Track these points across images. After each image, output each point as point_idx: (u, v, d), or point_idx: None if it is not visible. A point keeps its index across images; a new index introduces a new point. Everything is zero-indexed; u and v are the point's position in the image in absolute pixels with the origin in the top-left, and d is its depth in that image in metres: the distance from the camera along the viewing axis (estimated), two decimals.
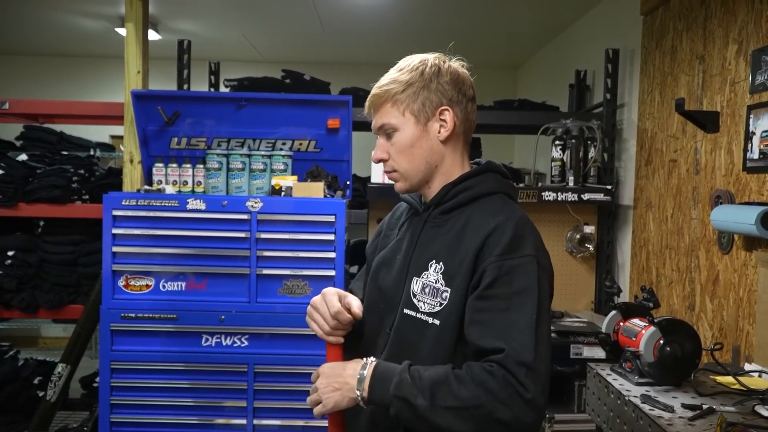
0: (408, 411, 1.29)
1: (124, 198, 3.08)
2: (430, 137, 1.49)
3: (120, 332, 3.08)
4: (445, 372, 1.30)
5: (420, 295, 1.44)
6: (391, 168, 1.52)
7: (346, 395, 1.37)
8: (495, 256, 1.34)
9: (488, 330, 1.31)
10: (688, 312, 3.07)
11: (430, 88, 1.48)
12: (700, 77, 3.05)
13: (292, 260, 3.09)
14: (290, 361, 3.09)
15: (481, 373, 1.26)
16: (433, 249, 1.46)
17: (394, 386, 1.31)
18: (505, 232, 1.36)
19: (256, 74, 4.21)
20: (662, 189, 3.40)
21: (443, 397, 1.27)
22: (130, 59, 3.60)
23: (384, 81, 1.51)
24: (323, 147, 3.60)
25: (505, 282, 1.33)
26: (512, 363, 1.25)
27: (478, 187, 1.49)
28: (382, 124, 1.51)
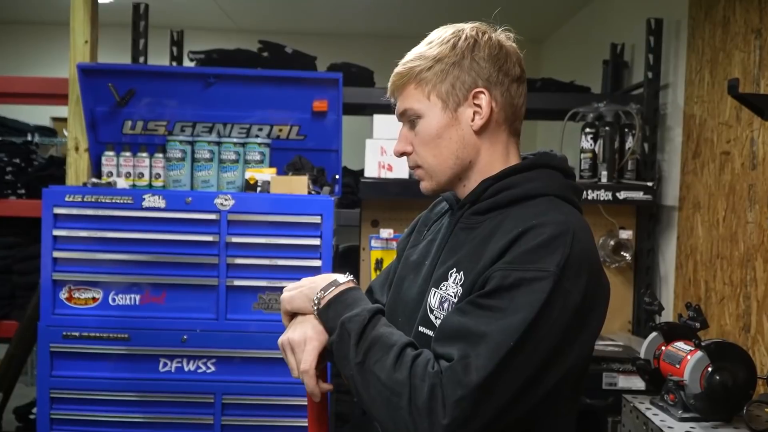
0: (344, 347, 1.34)
1: (67, 193, 3.09)
2: (461, 126, 1.45)
3: (62, 354, 3.09)
4: (396, 341, 1.32)
5: (438, 310, 1.42)
6: (414, 163, 1.51)
7: (306, 294, 1.45)
8: (505, 263, 1.31)
9: (457, 334, 1.29)
10: (743, 334, 3.09)
11: (462, 66, 1.44)
12: (756, 54, 3.08)
13: (270, 269, 3.10)
14: (265, 390, 3.10)
15: (421, 368, 1.26)
16: (457, 256, 1.43)
17: (347, 316, 1.35)
18: (534, 238, 1.31)
19: (227, 46, 4.22)
20: (713, 187, 3.42)
21: (375, 361, 1.30)
22: (76, 26, 3.60)
23: (409, 57, 1.48)
24: (308, 134, 3.62)
25: (505, 296, 1.28)
26: (451, 380, 1.23)
27: (524, 185, 1.43)
28: (404, 110, 1.48)
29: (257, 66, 3.99)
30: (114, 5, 5.88)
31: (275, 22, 6.79)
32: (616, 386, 3.31)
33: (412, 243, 1.66)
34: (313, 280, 1.47)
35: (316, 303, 1.41)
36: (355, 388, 1.33)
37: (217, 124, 3.60)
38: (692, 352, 2.19)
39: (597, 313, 1.37)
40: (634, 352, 3.38)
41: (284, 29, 6.90)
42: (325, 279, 1.46)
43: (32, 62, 7.03)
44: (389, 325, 1.37)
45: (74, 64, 3.54)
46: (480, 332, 1.26)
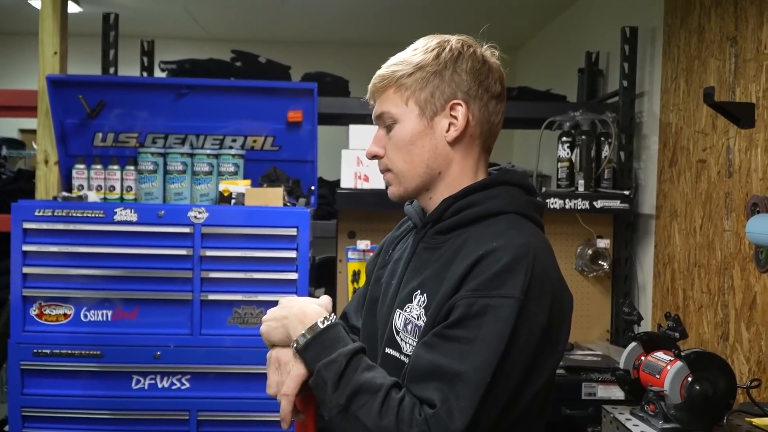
0: (321, 393, 1.33)
1: (37, 207, 3.07)
2: (435, 135, 1.47)
3: (32, 372, 3.06)
4: (381, 384, 1.31)
5: (402, 332, 1.44)
6: (385, 167, 1.52)
7: (285, 333, 1.42)
8: (469, 291, 1.32)
9: (431, 374, 1.30)
10: (721, 342, 3.12)
11: (443, 76, 1.45)
12: (732, 62, 3.11)
13: (245, 283, 3.09)
14: (242, 406, 3.08)
15: (407, 414, 1.27)
16: (421, 277, 1.45)
17: (324, 363, 1.33)
18: (494, 263, 1.33)
19: (199, 55, 4.21)
20: (689, 195, 3.45)
21: (362, 406, 1.29)
22: (45, 37, 3.58)
23: (392, 61, 1.50)
24: (282, 145, 3.61)
25: (472, 325, 1.30)
26: (438, 426, 1.25)
27: (485, 203, 1.45)
28: (381, 113, 1.50)
29: (230, 76, 3.98)
30: (84, 15, 5.85)
31: (248, 30, 6.77)
32: (596, 396, 3.32)
33: (380, 264, 1.67)
34: (286, 314, 1.43)
35: (295, 345, 1.39)
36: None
37: (190, 136, 3.59)
38: (672, 362, 2.20)
39: (564, 330, 1.41)
40: (613, 361, 3.40)
41: (257, 38, 6.89)
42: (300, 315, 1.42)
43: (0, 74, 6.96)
44: (371, 365, 1.35)
45: (43, 75, 3.52)
46: (454, 372, 1.27)
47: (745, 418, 2.28)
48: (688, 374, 2.15)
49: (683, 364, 2.16)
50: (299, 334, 1.38)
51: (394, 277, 1.55)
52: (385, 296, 1.56)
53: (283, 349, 1.42)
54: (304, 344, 1.37)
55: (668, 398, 2.17)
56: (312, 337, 1.37)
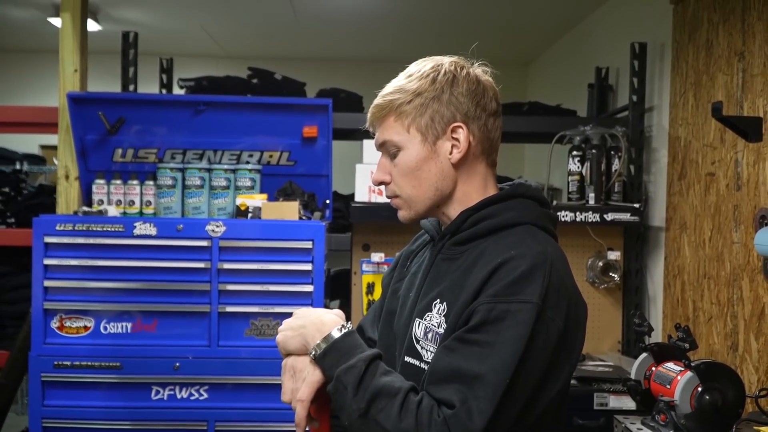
0: (341, 399, 1.35)
1: (58, 222, 3.09)
2: (439, 159, 1.49)
3: (53, 383, 3.08)
4: (399, 387, 1.33)
5: (423, 340, 1.46)
6: (393, 193, 1.54)
7: (301, 342, 1.45)
8: (488, 296, 1.35)
9: (451, 376, 1.32)
10: (731, 353, 3.12)
11: (441, 100, 1.48)
12: (739, 77, 3.12)
13: (262, 295, 3.11)
14: (259, 416, 3.09)
15: (426, 416, 1.29)
16: (440, 287, 1.47)
17: (344, 368, 1.35)
18: (513, 270, 1.36)
19: (216, 73, 4.25)
20: (698, 208, 3.45)
21: (381, 410, 1.31)
22: (65, 55, 3.62)
23: (388, 89, 1.52)
24: (298, 159, 3.63)
25: (492, 329, 1.32)
26: (458, 426, 1.27)
27: (502, 215, 1.48)
28: (384, 141, 1.52)
29: (247, 92, 4.02)
30: (103, 33, 5.91)
31: (264, 48, 6.81)
32: (607, 406, 3.31)
33: (396, 278, 1.69)
34: (303, 323, 1.46)
35: (313, 353, 1.41)
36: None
37: (208, 151, 3.61)
38: (682, 373, 2.21)
39: (579, 337, 1.44)
40: (625, 372, 3.40)
41: (273, 55, 6.92)
42: (318, 324, 1.45)
43: (22, 91, 7.02)
44: (388, 370, 1.38)
45: (64, 92, 3.55)
46: (474, 373, 1.30)
47: (753, 426, 2.28)
48: (698, 384, 2.16)
49: (693, 375, 2.17)
50: (317, 342, 1.41)
51: (412, 290, 1.57)
52: (403, 308, 1.58)
53: (298, 357, 1.45)
54: (323, 351, 1.39)
55: (678, 408, 2.18)
56: (330, 344, 1.39)
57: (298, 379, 1.42)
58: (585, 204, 3.83)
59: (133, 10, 5.67)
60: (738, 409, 2.17)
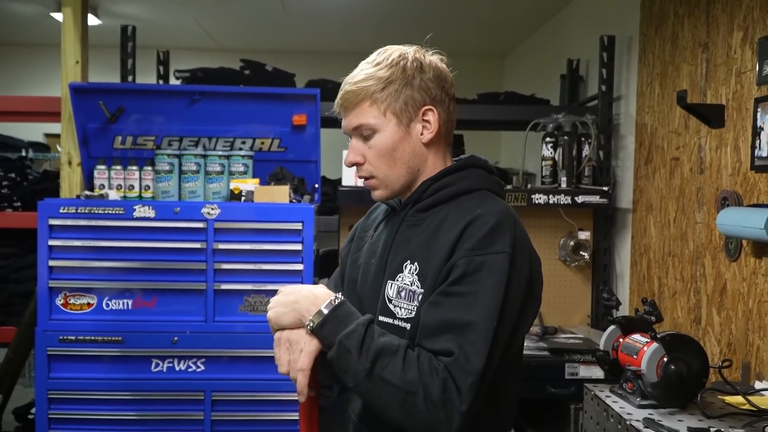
0: (345, 362, 1.34)
1: (61, 205, 3.06)
2: (412, 139, 1.52)
3: (58, 357, 3.05)
4: (398, 345, 1.35)
5: (396, 299, 1.48)
6: (368, 173, 1.54)
7: (296, 317, 1.42)
8: (465, 251, 1.39)
9: (443, 328, 1.35)
10: (694, 326, 3.12)
11: (413, 86, 1.50)
12: (703, 67, 3.11)
13: (254, 273, 3.09)
14: (253, 387, 3.08)
15: (427, 366, 1.32)
16: (409, 249, 1.50)
17: (345, 333, 1.35)
18: (483, 225, 1.40)
19: (211, 64, 4.20)
20: (664, 190, 3.45)
21: (385, 367, 1.32)
22: (67, 48, 3.58)
23: (360, 77, 1.51)
24: (288, 146, 3.61)
25: (472, 280, 1.37)
26: (459, 371, 1.31)
27: (458, 183, 1.53)
28: (358, 125, 1.51)
29: (239, 83, 3.98)
30: (103, 27, 5.84)
31: (256, 41, 6.77)
32: (578, 376, 3.32)
33: (355, 248, 1.70)
34: (295, 299, 1.44)
35: (310, 324, 1.39)
36: (365, 397, 1.37)
37: (203, 138, 3.58)
38: (649, 344, 2.20)
39: (539, 284, 1.50)
40: (594, 344, 3.40)
41: (265, 48, 6.88)
42: (311, 297, 1.43)
43: (26, 82, 6.94)
44: (383, 332, 1.39)
45: (66, 83, 3.52)
46: (464, 321, 1.34)
47: (717, 395, 2.28)
48: (663, 355, 2.15)
49: (659, 346, 2.16)
50: (314, 314, 1.39)
51: (374, 257, 1.58)
52: (366, 275, 1.59)
53: (293, 331, 1.42)
54: (321, 322, 1.38)
55: (645, 377, 2.17)
56: (327, 314, 1.38)
57: (295, 351, 1.41)
58: (557, 187, 3.82)
59: (132, 5, 5.60)
60: (702, 379, 2.16)
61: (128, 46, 4.05)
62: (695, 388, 2.16)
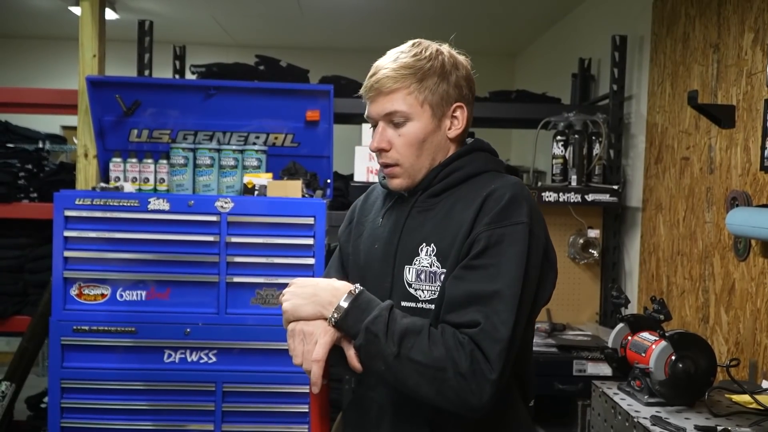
0: (374, 347, 1.35)
1: (77, 197, 3.07)
2: (441, 133, 1.52)
3: (72, 347, 3.06)
4: (421, 324, 1.36)
5: (416, 283, 1.47)
6: (394, 161, 1.52)
7: (316, 309, 1.41)
8: (485, 225, 1.40)
9: (468, 301, 1.36)
10: (702, 325, 3.10)
11: (449, 82, 1.50)
12: (714, 68, 3.09)
13: (266, 267, 3.09)
14: (263, 379, 3.09)
15: (452, 340, 1.33)
16: (423, 233, 1.49)
17: (370, 319, 1.35)
18: (500, 199, 1.42)
19: (226, 60, 4.20)
20: (673, 189, 3.43)
21: (412, 347, 1.33)
22: (84, 41, 3.58)
23: (397, 63, 1.49)
24: (301, 141, 3.61)
25: (494, 252, 1.38)
26: (486, 339, 1.32)
27: (468, 167, 1.53)
28: (392, 111, 1.49)
29: (254, 78, 3.97)
30: (120, 22, 5.85)
31: (271, 37, 6.76)
32: (586, 373, 3.31)
33: (356, 234, 1.67)
34: (314, 291, 1.43)
35: (334, 316, 1.38)
36: (395, 379, 1.36)
37: (217, 133, 3.59)
38: (657, 342, 2.19)
39: (554, 251, 1.52)
40: (602, 341, 3.39)
41: (279, 44, 6.87)
42: (331, 290, 1.42)
43: (44, 75, 6.96)
44: (405, 315, 1.39)
45: (83, 76, 3.53)
46: (489, 292, 1.35)
47: (725, 394, 2.27)
48: (671, 353, 2.14)
49: (667, 344, 2.15)
50: (336, 306, 1.39)
51: (378, 242, 1.57)
52: (370, 260, 1.58)
53: (309, 322, 1.41)
54: (345, 312, 1.38)
55: (653, 375, 2.16)
56: (350, 304, 1.38)
57: (310, 342, 1.40)
58: (567, 185, 3.81)
59: (149, 0, 5.61)
60: (710, 377, 2.15)
61: (145, 40, 4.05)
62: (703, 387, 2.15)
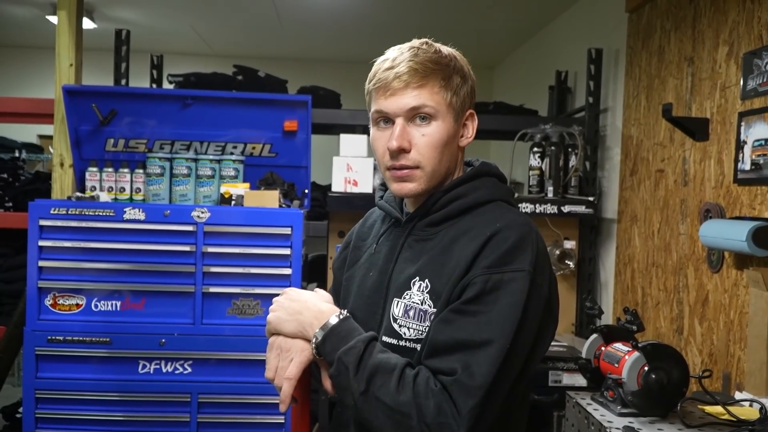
0: (344, 380, 1.28)
1: (52, 206, 3.03)
2: (457, 140, 1.42)
3: (46, 357, 3.02)
4: (395, 363, 1.27)
5: (402, 318, 1.37)
6: (415, 162, 1.37)
7: (297, 328, 1.37)
8: (482, 269, 1.28)
9: (451, 347, 1.26)
10: (676, 336, 3.13)
11: (469, 85, 1.42)
12: (688, 81, 3.12)
13: (243, 277, 3.07)
14: (239, 389, 3.06)
15: (423, 386, 1.23)
16: (417, 265, 1.38)
17: (344, 350, 1.28)
18: (504, 241, 1.30)
19: (204, 69, 4.19)
20: (648, 201, 3.46)
21: (380, 386, 1.25)
22: (61, 50, 3.56)
23: (421, 57, 1.36)
24: (279, 151, 3.60)
25: (488, 300, 1.26)
26: (460, 392, 1.21)
27: (472, 194, 1.41)
28: (421, 105, 1.35)
29: (232, 88, 3.97)
30: (98, 31, 5.82)
31: (249, 47, 6.76)
32: (561, 383, 3.32)
33: (351, 261, 1.59)
34: (299, 309, 1.38)
35: (314, 340, 1.33)
36: (361, 416, 1.29)
37: (195, 142, 3.57)
38: (630, 353, 2.20)
39: (557, 302, 1.40)
40: (577, 352, 3.40)
41: (257, 54, 6.87)
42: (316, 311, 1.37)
43: (20, 83, 6.92)
44: (384, 350, 1.31)
45: (60, 85, 3.50)
46: (475, 342, 1.24)
47: (697, 405, 2.28)
48: (644, 364, 2.15)
49: (640, 355, 2.16)
50: (316, 331, 1.34)
51: (373, 269, 1.48)
52: (362, 288, 1.49)
53: (287, 339, 1.37)
54: (323, 338, 1.32)
55: (626, 386, 2.17)
56: (329, 330, 1.33)
57: (285, 359, 1.35)
58: (544, 197, 3.83)
59: (127, 9, 5.59)
60: (682, 388, 2.17)
61: (122, 49, 4.04)
62: (675, 398, 2.17)
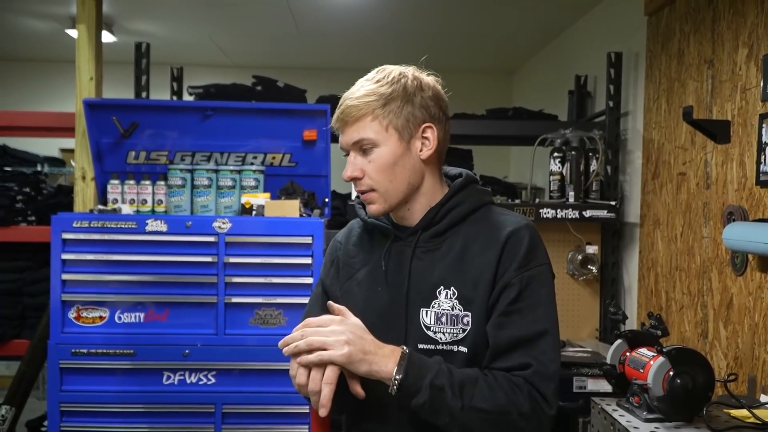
0: (440, 401, 1.37)
1: (75, 219, 3.08)
2: (412, 155, 1.53)
3: (70, 370, 3.06)
4: (475, 374, 1.42)
5: (435, 326, 1.49)
6: (368, 187, 1.54)
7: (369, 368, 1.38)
8: (514, 271, 1.47)
9: (513, 345, 1.43)
10: (701, 340, 3.11)
11: (414, 103, 1.52)
12: (709, 83, 3.12)
13: (265, 287, 3.09)
14: (263, 399, 3.08)
15: (507, 384, 1.40)
16: (437, 275, 1.51)
17: (433, 374, 1.38)
18: (520, 242, 1.49)
19: (223, 81, 4.22)
20: (671, 205, 3.45)
21: (473, 396, 1.38)
22: (81, 64, 3.61)
23: (361, 92, 1.52)
24: (299, 161, 3.62)
25: (527, 295, 1.45)
26: (540, 379, 1.41)
27: (467, 202, 1.57)
28: (359, 139, 1.52)
29: (251, 99, 4.00)
30: (118, 44, 5.89)
31: (268, 57, 6.80)
32: (586, 389, 3.32)
33: (345, 275, 1.65)
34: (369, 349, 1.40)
35: (395, 383, 1.37)
36: (460, 429, 1.39)
37: (215, 153, 3.60)
38: (655, 358, 2.20)
39: None
40: (602, 357, 3.40)
41: (276, 64, 6.91)
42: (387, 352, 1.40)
43: (41, 98, 7.00)
44: (450, 365, 1.43)
45: (80, 99, 3.55)
46: (531, 334, 1.44)
47: (723, 409, 2.27)
48: (669, 369, 2.15)
49: (665, 360, 2.16)
50: (394, 371, 1.37)
51: (380, 284, 1.56)
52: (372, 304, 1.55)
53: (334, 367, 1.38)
54: (405, 372, 1.37)
55: (651, 391, 2.17)
56: (407, 362, 1.38)
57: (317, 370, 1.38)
58: (565, 202, 3.83)
59: (146, 22, 5.65)
60: (708, 393, 2.16)
61: (142, 62, 4.09)
62: (701, 402, 2.16)
